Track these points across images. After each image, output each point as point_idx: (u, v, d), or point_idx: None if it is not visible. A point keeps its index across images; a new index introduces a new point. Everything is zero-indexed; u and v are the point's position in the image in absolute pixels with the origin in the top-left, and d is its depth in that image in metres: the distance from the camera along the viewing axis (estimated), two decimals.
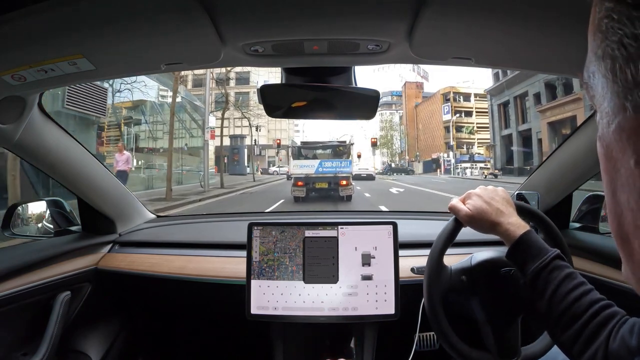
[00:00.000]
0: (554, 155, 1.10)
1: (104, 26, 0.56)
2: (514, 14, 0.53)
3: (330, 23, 0.59)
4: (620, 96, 0.20)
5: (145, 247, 1.22)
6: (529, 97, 22.90)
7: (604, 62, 0.20)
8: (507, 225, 0.66)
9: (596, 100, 0.22)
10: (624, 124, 0.20)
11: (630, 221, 0.21)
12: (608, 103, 0.21)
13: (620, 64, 0.19)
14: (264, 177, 22.78)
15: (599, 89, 0.22)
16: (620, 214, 0.22)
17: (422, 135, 43.37)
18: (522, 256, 0.63)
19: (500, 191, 0.71)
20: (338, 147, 11.61)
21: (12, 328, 0.95)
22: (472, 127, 36.26)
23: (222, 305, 1.18)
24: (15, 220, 1.12)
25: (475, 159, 32.53)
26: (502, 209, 0.68)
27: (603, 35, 0.20)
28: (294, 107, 0.82)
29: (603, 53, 0.20)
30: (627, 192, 0.21)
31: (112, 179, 1.20)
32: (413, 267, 0.83)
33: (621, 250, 0.23)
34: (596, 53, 0.21)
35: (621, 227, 0.22)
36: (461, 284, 0.75)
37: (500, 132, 27.18)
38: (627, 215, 0.21)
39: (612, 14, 0.19)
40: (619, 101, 0.20)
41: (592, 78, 0.22)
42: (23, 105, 0.80)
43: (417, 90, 47.10)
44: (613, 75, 0.20)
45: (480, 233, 0.71)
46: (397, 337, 1.06)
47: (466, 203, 0.71)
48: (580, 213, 1.17)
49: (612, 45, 0.19)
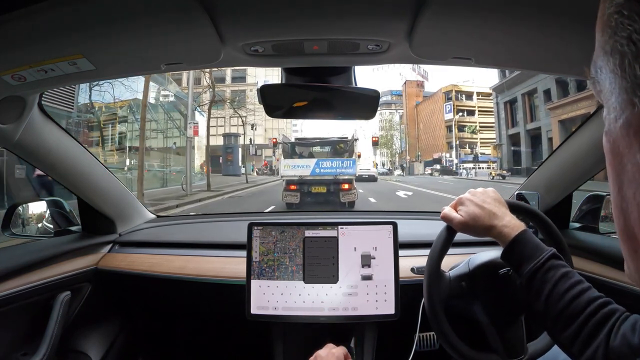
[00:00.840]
0: (554, 155, 1.10)
1: (104, 26, 0.56)
2: (514, 14, 0.53)
3: (330, 23, 0.59)
4: (629, 92, 0.20)
5: (145, 247, 1.22)
6: (538, 94, 21.58)
7: (613, 57, 0.20)
8: (500, 227, 0.65)
9: (603, 95, 0.22)
10: (631, 119, 0.20)
11: (637, 217, 0.21)
12: (616, 98, 0.21)
13: (629, 59, 0.19)
14: (259, 178, 21.19)
15: (606, 84, 0.21)
16: (627, 209, 0.22)
17: (423, 135, 43.21)
18: (517, 257, 0.62)
19: (490, 192, 0.71)
20: (339, 144, 10.02)
21: (12, 328, 0.95)
22: (474, 126, 35.89)
23: (222, 305, 1.18)
24: (15, 220, 1.12)
25: (479, 159, 31.92)
26: (494, 210, 0.67)
27: (612, 30, 0.20)
28: (294, 107, 0.82)
29: (612, 48, 0.20)
30: (633, 188, 0.21)
31: (112, 179, 1.20)
32: (413, 267, 0.83)
33: (626, 246, 0.23)
34: (604, 48, 0.21)
35: (627, 222, 0.22)
36: (461, 289, 0.75)
37: (507, 131, 26.00)
38: (634, 211, 0.21)
39: (623, 10, 0.19)
40: (627, 97, 0.20)
41: (600, 73, 0.22)
42: (23, 105, 0.80)
43: (418, 89, 46.91)
44: (622, 71, 0.20)
45: None
46: (397, 337, 1.06)
47: (458, 210, 0.70)
48: (580, 213, 1.17)
49: (622, 41, 0.19)
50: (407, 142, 44.22)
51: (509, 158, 26.04)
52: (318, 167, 8.29)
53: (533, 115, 22.91)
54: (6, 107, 0.77)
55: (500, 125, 26.96)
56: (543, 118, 20.94)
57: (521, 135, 23.76)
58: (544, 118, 20.66)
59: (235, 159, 21.75)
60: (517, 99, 24.14)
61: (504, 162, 26.44)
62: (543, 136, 20.88)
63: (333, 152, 9.92)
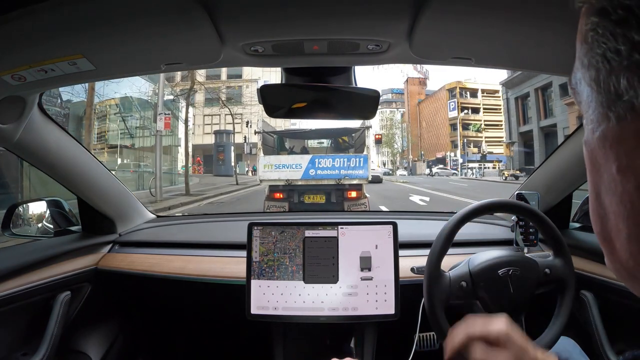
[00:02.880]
0: (554, 155, 1.10)
1: (104, 26, 0.56)
2: (514, 13, 0.53)
3: (330, 23, 0.59)
4: (604, 106, 0.20)
5: (145, 247, 1.22)
6: (553, 89, 20.13)
7: (589, 71, 0.21)
8: None
9: (582, 106, 0.23)
10: (607, 132, 0.21)
11: (613, 223, 0.22)
12: (593, 111, 0.21)
13: (604, 75, 0.20)
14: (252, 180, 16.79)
15: (584, 96, 0.22)
16: (604, 215, 0.23)
17: (425, 134, 43.02)
18: None
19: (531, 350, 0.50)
20: (342, 137, 7.57)
21: (12, 328, 0.95)
22: (479, 124, 35.50)
23: (222, 305, 1.18)
24: (16, 220, 1.13)
25: (487, 159, 31.11)
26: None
27: (588, 46, 0.21)
28: (294, 107, 0.82)
29: (589, 63, 0.21)
30: (610, 196, 0.22)
31: (112, 179, 1.20)
32: (413, 267, 0.83)
33: (603, 247, 0.24)
34: (582, 61, 0.22)
35: (604, 227, 0.23)
36: (461, 290, 0.75)
37: (518, 128, 24.57)
38: (610, 218, 0.22)
39: (597, 28, 0.20)
40: (603, 110, 0.20)
41: (579, 84, 0.23)
42: (23, 105, 0.80)
43: (420, 87, 46.75)
44: (597, 86, 0.20)
45: (479, 232, 0.71)
46: (397, 337, 1.06)
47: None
48: (581, 213, 1.17)
49: (597, 57, 0.20)
50: (410, 140, 43.96)
51: (520, 157, 24.87)
52: (313, 168, 5.76)
53: (547, 111, 21.71)
54: (6, 107, 0.77)
55: (511, 122, 25.57)
56: (559, 114, 19.49)
57: (534, 133, 22.50)
58: (560, 114, 19.24)
59: (227, 158, 19.58)
60: (529, 94, 22.82)
61: (515, 161, 25.28)
62: (559, 133, 19.41)
63: (335, 146, 7.72)
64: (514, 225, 1.07)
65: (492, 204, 0.80)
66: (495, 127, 33.73)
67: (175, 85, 13.75)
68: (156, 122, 9.50)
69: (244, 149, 17.06)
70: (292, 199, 5.79)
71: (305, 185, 5.77)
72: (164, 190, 9.57)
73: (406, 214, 1.53)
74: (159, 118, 9.23)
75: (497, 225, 1.26)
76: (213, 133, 21.39)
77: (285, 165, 5.80)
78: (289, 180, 5.71)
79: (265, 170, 5.81)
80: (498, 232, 1.22)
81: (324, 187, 5.79)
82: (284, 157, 6.31)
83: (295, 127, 13.71)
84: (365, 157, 5.81)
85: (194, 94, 13.94)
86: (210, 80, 19.87)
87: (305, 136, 7.88)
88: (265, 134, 6.68)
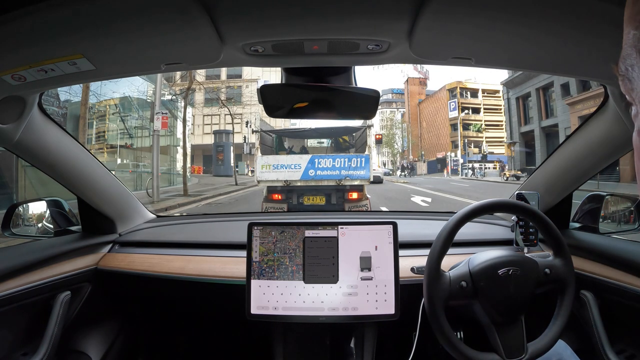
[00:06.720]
0: (554, 155, 1.10)
1: (103, 26, 0.56)
2: (514, 13, 0.53)
3: (330, 23, 0.59)
4: None
5: (145, 247, 1.22)
6: (555, 89, 19.64)
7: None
8: None
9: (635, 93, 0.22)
10: None
11: None
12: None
13: None
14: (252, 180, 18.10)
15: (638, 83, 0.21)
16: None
17: (426, 134, 42.86)
18: None
19: None
20: (342, 136, 7.48)
21: (12, 328, 0.95)
22: (480, 124, 35.19)
23: (222, 305, 1.18)
24: (16, 220, 1.12)
25: (488, 159, 30.82)
26: None
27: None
28: (294, 107, 0.82)
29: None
30: None
31: (112, 179, 1.20)
32: (413, 267, 0.84)
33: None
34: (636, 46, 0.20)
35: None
36: (461, 290, 0.75)
37: (519, 128, 23.78)
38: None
39: None
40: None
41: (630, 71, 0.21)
42: (23, 105, 0.80)
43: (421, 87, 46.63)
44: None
45: (479, 232, 0.71)
46: (397, 337, 1.06)
47: None
48: (581, 213, 1.17)
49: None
50: (410, 141, 43.89)
51: (522, 157, 24.37)
52: (313, 168, 5.59)
53: (549, 111, 21.20)
54: (6, 107, 0.77)
55: (512, 122, 25.04)
56: (561, 114, 19.21)
57: (536, 133, 22.08)
58: (562, 114, 18.93)
59: (226, 158, 19.32)
60: (530, 94, 22.36)
61: (516, 161, 24.75)
62: (561, 134, 19.13)
63: (335, 146, 7.58)
64: (514, 225, 1.07)
65: (492, 204, 0.80)
66: (496, 127, 33.65)
67: (174, 85, 13.70)
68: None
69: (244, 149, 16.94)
70: (291, 200, 5.68)
71: (304, 186, 5.63)
72: (162, 191, 9.47)
73: (406, 214, 1.53)
74: (156, 117, 9.09)
75: (497, 225, 1.26)
76: (212, 133, 21.31)
77: (284, 166, 5.64)
78: (288, 181, 5.54)
79: (263, 170, 5.65)
80: (498, 232, 1.22)
81: (323, 188, 5.64)
82: (282, 157, 6.10)
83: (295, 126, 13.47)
84: (367, 157, 5.65)
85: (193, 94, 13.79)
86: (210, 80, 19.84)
87: (304, 135, 7.74)
88: (264, 133, 6.56)
